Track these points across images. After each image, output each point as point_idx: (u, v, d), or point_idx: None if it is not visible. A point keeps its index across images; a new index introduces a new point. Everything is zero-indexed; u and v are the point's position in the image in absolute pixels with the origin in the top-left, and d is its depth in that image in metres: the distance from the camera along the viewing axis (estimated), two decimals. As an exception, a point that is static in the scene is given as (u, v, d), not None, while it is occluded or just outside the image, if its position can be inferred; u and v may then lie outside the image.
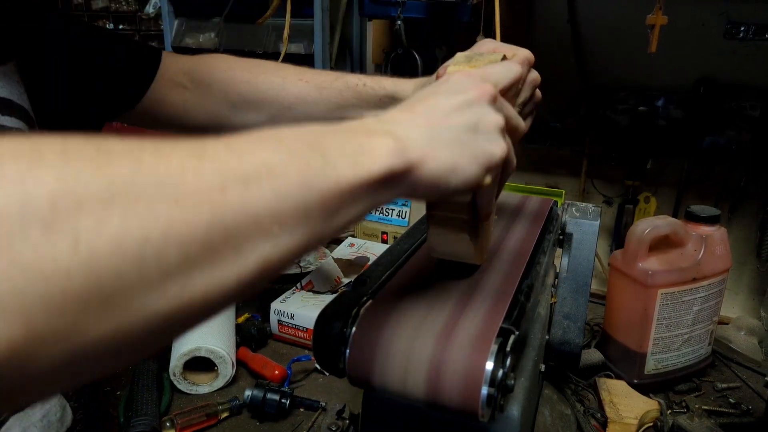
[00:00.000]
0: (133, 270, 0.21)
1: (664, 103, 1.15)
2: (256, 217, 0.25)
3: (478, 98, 0.39)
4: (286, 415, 0.82)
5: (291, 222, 0.26)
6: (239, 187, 0.25)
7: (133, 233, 0.21)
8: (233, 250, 0.24)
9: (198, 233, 0.23)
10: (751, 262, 1.15)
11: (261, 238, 0.25)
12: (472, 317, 0.44)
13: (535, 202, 0.73)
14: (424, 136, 0.35)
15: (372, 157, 0.31)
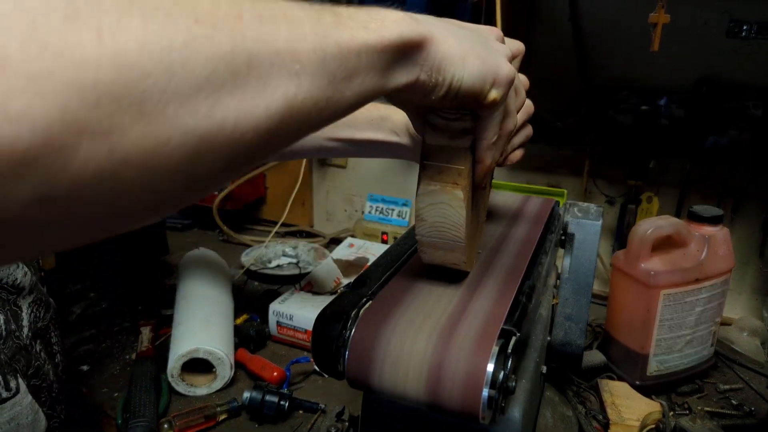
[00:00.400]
0: (161, 75, 0.21)
1: (666, 103, 1.15)
2: (277, 50, 0.26)
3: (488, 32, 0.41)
4: (285, 417, 0.81)
5: (310, 64, 0.27)
6: (256, 20, 0.25)
7: (156, 37, 0.21)
8: (258, 79, 0.25)
9: (221, 52, 0.23)
10: (754, 262, 1.14)
11: (284, 72, 0.26)
12: (472, 318, 0.43)
13: (537, 202, 0.72)
14: (436, 23, 0.36)
15: (384, 24, 0.31)
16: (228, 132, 0.24)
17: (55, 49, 0.19)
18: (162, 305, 1.10)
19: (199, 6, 0.23)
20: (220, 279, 1.07)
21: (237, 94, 0.24)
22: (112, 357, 0.96)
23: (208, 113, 0.23)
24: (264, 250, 1.32)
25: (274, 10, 0.27)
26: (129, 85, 0.20)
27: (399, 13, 0.33)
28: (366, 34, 0.30)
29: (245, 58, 0.24)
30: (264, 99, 0.25)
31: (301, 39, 0.27)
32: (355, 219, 1.49)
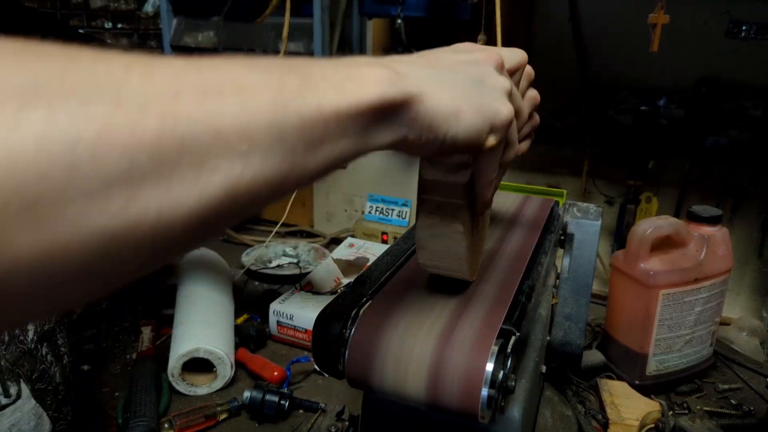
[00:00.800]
0: (62, 173, 0.18)
1: (665, 103, 1.15)
2: (219, 131, 0.22)
3: (484, 60, 0.36)
4: (286, 417, 0.81)
5: (263, 141, 0.24)
6: (197, 96, 0.22)
7: (61, 133, 0.18)
8: (192, 165, 0.22)
9: (145, 140, 0.20)
10: (753, 262, 1.14)
11: (227, 155, 0.22)
12: (472, 318, 0.44)
13: (536, 202, 0.72)
14: (424, 74, 0.32)
15: (362, 84, 0.28)
16: (148, 228, 0.21)
17: None
18: (163, 305, 1.10)
19: (126, 86, 0.20)
20: (221, 279, 1.07)
21: (162, 185, 0.21)
22: (112, 357, 0.96)
23: (121, 209, 0.20)
24: (264, 250, 1.32)
25: (224, 80, 0.23)
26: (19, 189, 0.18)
27: (382, 70, 0.29)
28: (338, 99, 0.26)
29: (176, 144, 0.21)
30: (197, 187, 0.22)
31: (253, 113, 0.23)
32: (355, 219, 1.49)
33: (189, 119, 0.21)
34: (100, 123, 0.19)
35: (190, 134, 0.21)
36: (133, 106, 0.20)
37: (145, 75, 0.21)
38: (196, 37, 1.42)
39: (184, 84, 0.22)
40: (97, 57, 0.21)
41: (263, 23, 1.25)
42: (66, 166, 0.19)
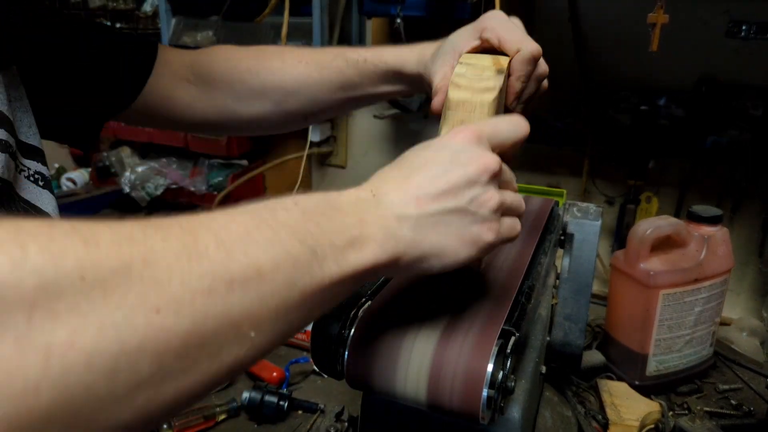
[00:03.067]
0: (104, 384, 0.19)
1: (665, 103, 1.15)
2: (237, 324, 0.24)
3: (478, 174, 0.37)
4: (284, 418, 0.81)
5: (268, 325, 0.26)
6: (224, 289, 0.23)
7: (108, 346, 0.19)
8: (208, 357, 0.23)
9: (175, 343, 0.22)
10: (754, 262, 1.14)
11: (239, 342, 0.24)
12: (472, 319, 0.43)
13: (536, 202, 0.72)
14: (412, 225, 0.34)
15: (361, 252, 0.31)
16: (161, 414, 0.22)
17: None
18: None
19: (167, 291, 0.21)
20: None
21: (181, 379, 0.22)
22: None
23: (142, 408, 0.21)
24: (263, 249, 1.32)
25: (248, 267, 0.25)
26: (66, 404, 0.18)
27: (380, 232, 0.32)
28: (339, 269, 0.29)
29: (199, 342, 0.22)
30: (209, 374, 0.23)
31: (266, 300, 0.25)
32: (355, 219, 1.49)
33: (214, 317, 0.23)
34: (142, 332, 0.20)
35: (213, 331, 0.23)
36: (170, 311, 0.21)
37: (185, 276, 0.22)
38: (194, 36, 1.42)
39: (216, 277, 0.23)
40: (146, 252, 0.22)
41: (262, 23, 1.25)
42: (107, 378, 0.19)
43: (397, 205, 0.35)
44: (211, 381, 0.24)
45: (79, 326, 0.19)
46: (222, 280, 0.23)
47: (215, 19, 1.40)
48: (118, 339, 0.20)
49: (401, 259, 0.34)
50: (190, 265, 0.23)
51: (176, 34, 1.43)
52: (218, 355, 0.24)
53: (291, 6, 1.17)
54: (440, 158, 0.37)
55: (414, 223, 0.34)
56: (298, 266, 0.27)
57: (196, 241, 0.24)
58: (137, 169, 1.58)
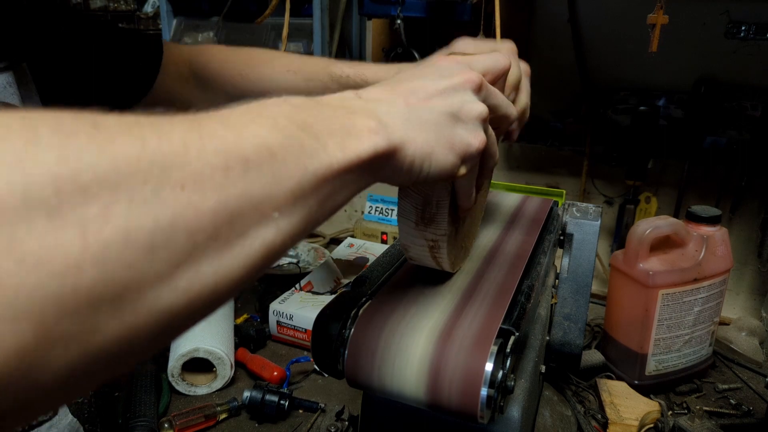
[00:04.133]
0: (144, 261, 0.20)
1: (664, 103, 1.15)
2: (258, 202, 0.24)
3: (462, 84, 0.38)
4: (285, 417, 0.81)
5: (288, 207, 0.26)
6: (241, 168, 0.24)
7: (142, 221, 0.19)
8: (239, 236, 0.24)
9: (205, 219, 0.22)
10: (753, 262, 1.14)
11: (263, 223, 0.25)
12: (471, 318, 0.44)
13: (535, 202, 0.72)
14: (402, 117, 0.34)
15: (359, 139, 0.31)
16: (205, 298, 0.23)
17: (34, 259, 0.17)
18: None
19: (187, 165, 0.22)
20: (220, 279, 1.07)
21: (216, 259, 0.23)
22: (112, 357, 0.96)
23: (186, 288, 0.22)
24: (264, 250, 1.32)
25: (260, 147, 0.25)
26: (110, 282, 0.19)
27: (372, 121, 0.32)
28: (343, 156, 0.29)
29: (227, 220, 0.23)
30: (243, 255, 0.24)
31: (281, 182, 0.26)
32: (355, 219, 1.49)
33: (236, 195, 0.23)
34: (171, 208, 0.21)
35: (237, 209, 0.23)
36: (194, 187, 0.21)
37: (199, 150, 0.22)
38: (195, 37, 1.42)
39: (230, 155, 0.23)
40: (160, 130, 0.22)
41: (263, 23, 1.25)
42: (146, 255, 0.20)
43: (385, 102, 0.35)
44: (246, 264, 0.24)
45: (109, 201, 0.19)
46: (237, 158, 0.24)
47: (216, 20, 1.40)
48: (150, 214, 0.20)
49: (399, 152, 0.33)
50: (202, 142, 0.23)
51: (177, 35, 1.43)
52: (248, 235, 0.24)
53: (291, 7, 1.18)
54: (425, 72, 0.39)
55: (404, 117, 0.35)
56: (304, 150, 0.27)
57: (201, 125, 0.24)
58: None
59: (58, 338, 0.18)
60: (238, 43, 0.71)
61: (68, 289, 0.17)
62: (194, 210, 0.21)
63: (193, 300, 0.22)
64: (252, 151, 0.24)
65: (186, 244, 0.21)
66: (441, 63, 0.40)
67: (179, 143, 0.22)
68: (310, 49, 1.28)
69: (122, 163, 0.20)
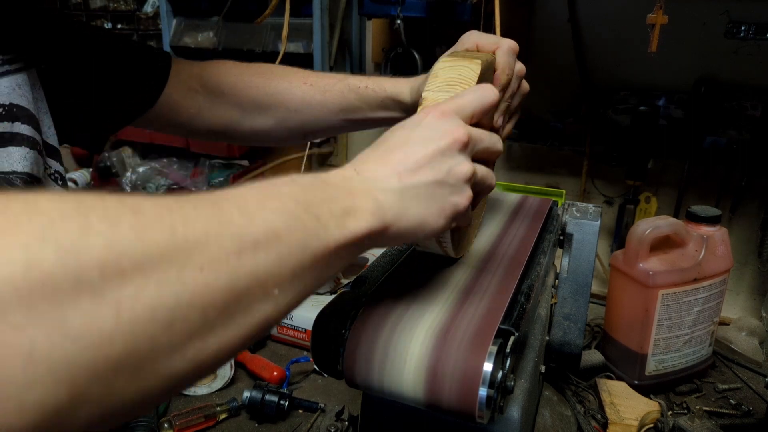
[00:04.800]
0: (164, 334, 0.22)
1: (664, 103, 1.15)
2: (263, 281, 0.27)
3: (450, 146, 0.40)
4: (285, 417, 0.81)
5: (287, 283, 0.29)
6: (251, 251, 0.27)
7: (166, 300, 0.22)
8: (242, 312, 0.26)
9: (217, 298, 0.25)
10: (752, 262, 1.14)
11: (265, 299, 0.28)
12: (469, 318, 0.44)
13: (535, 201, 0.72)
14: (396, 196, 0.38)
15: (356, 220, 0.34)
16: (209, 365, 0.26)
17: (77, 333, 0.19)
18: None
19: (207, 250, 0.24)
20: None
21: (222, 332, 0.25)
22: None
23: (194, 357, 0.24)
24: (264, 250, 1.32)
25: (268, 230, 0.28)
26: (134, 352, 0.21)
27: (369, 202, 0.35)
28: (341, 236, 0.32)
29: (235, 298, 0.26)
30: (243, 327, 0.27)
31: (285, 261, 0.29)
32: (355, 219, 1.49)
33: (246, 275, 0.26)
34: (190, 289, 0.23)
35: (245, 288, 0.26)
36: (212, 269, 0.24)
37: (219, 238, 0.25)
38: (195, 37, 1.42)
39: (243, 240, 0.27)
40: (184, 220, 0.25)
41: (263, 23, 1.25)
42: (166, 329, 0.22)
43: (380, 180, 0.38)
44: (246, 335, 0.27)
45: (142, 283, 0.21)
46: (248, 242, 0.27)
47: (216, 20, 1.40)
48: (173, 294, 0.23)
49: (390, 228, 0.37)
50: (221, 228, 0.26)
51: (177, 35, 1.43)
52: (250, 311, 0.27)
53: (291, 7, 1.18)
54: (414, 136, 0.41)
55: (398, 195, 0.38)
56: (307, 231, 0.30)
57: (221, 210, 0.27)
58: (138, 170, 1.58)
59: (86, 399, 0.20)
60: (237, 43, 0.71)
61: (100, 359, 0.20)
62: (210, 290, 0.24)
63: (198, 367, 0.25)
64: (261, 235, 0.28)
65: (199, 319, 0.24)
66: (428, 121, 0.41)
67: (201, 231, 0.25)
68: (310, 49, 1.28)
69: (155, 250, 0.23)
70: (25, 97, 0.47)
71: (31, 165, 0.44)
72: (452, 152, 0.40)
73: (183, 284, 0.23)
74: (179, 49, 1.43)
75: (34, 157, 0.45)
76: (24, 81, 0.47)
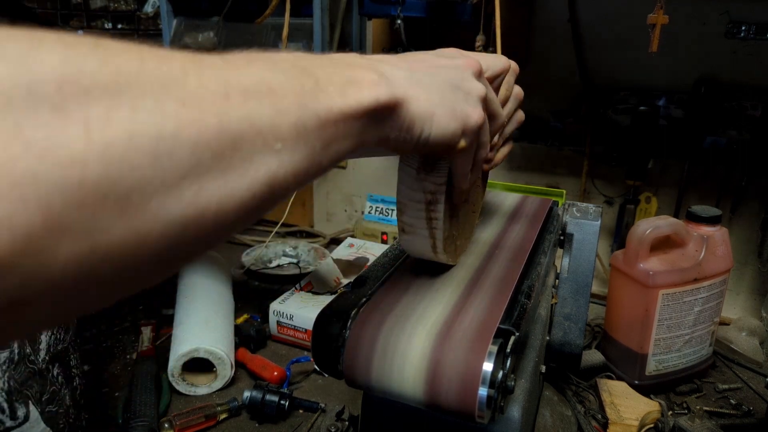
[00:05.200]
0: (148, 166, 0.20)
1: (665, 103, 1.15)
2: (260, 129, 0.25)
3: (464, 66, 0.39)
4: (285, 417, 0.81)
5: (291, 140, 0.27)
6: (241, 97, 0.24)
7: (145, 128, 0.20)
8: (242, 160, 0.24)
9: (207, 137, 0.23)
10: (753, 262, 1.14)
11: (266, 151, 0.26)
12: (470, 318, 0.44)
13: (534, 201, 0.72)
14: (406, 76, 0.35)
15: (360, 88, 0.31)
16: (210, 216, 0.24)
17: (40, 148, 0.18)
18: (163, 305, 1.10)
19: (186, 86, 0.23)
20: (221, 279, 1.07)
21: (221, 178, 0.24)
22: (112, 357, 0.96)
23: (191, 201, 0.23)
24: (264, 250, 1.32)
25: (260, 82, 0.26)
26: (115, 181, 0.20)
27: (374, 74, 0.33)
28: (344, 102, 0.30)
29: (230, 141, 0.24)
30: (247, 179, 0.25)
31: (283, 114, 0.26)
32: (355, 219, 1.49)
33: (238, 119, 0.24)
34: (174, 120, 0.21)
35: (240, 132, 0.24)
36: (195, 105, 0.22)
37: (198, 76, 0.23)
38: (195, 37, 1.42)
39: (229, 85, 0.24)
40: (159, 55, 0.23)
41: (263, 23, 1.25)
42: (151, 160, 0.21)
43: (387, 62, 0.36)
44: (251, 190, 0.25)
45: (111, 105, 0.20)
46: (236, 88, 0.25)
47: (216, 20, 1.40)
48: (152, 122, 0.21)
49: (401, 106, 0.34)
50: (202, 70, 0.24)
51: (177, 35, 1.43)
52: (252, 161, 0.25)
53: (292, 7, 1.18)
54: (428, 53, 0.40)
55: (408, 76, 0.35)
56: (305, 91, 0.28)
57: (201, 58, 0.25)
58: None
59: (66, 229, 0.19)
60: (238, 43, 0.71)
61: (74, 181, 0.18)
62: (197, 127, 0.22)
63: (199, 214, 0.23)
64: (251, 84, 0.25)
65: (190, 157, 0.22)
66: (445, 50, 0.41)
67: (178, 67, 0.23)
68: (310, 49, 1.28)
69: (123, 75, 0.21)
70: None
71: None
72: (466, 70, 0.39)
73: (164, 115, 0.21)
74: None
75: None
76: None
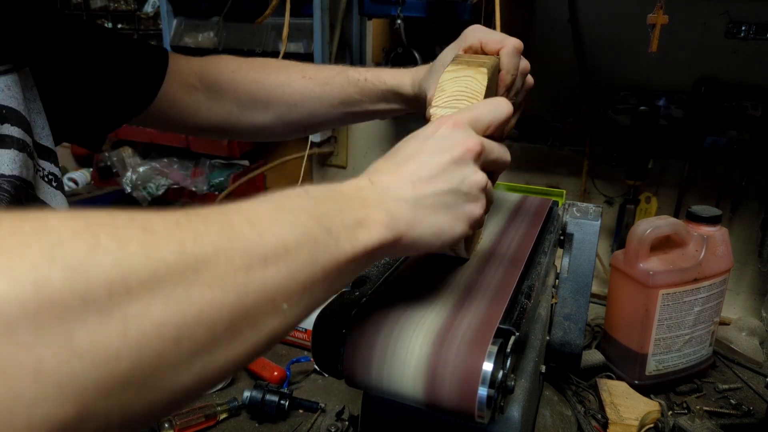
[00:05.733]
0: (171, 351, 0.23)
1: (665, 103, 1.15)
2: (272, 296, 0.27)
3: (463, 156, 0.40)
4: (285, 417, 0.81)
5: (297, 298, 0.29)
6: (260, 266, 0.27)
7: (173, 317, 0.23)
8: (250, 327, 0.26)
9: (224, 314, 0.25)
10: (753, 262, 1.14)
11: (274, 314, 0.28)
12: (469, 318, 0.44)
13: (534, 201, 0.72)
14: (410, 206, 0.38)
15: (368, 232, 0.34)
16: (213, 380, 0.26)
17: (84, 350, 0.20)
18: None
19: (216, 268, 0.24)
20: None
21: (229, 347, 0.25)
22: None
23: (199, 373, 0.24)
24: (264, 249, 1.32)
25: (278, 246, 0.28)
26: (141, 368, 0.21)
27: (382, 213, 0.35)
28: (352, 247, 0.32)
29: (243, 313, 0.26)
30: (251, 342, 0.27)
31: (295, 276, 0.28)
32: (355, 219, 1.49)
33: (255, 291, 0.26)
34: (198, 306, 0.24)
35: (254, 303, 0.26)
36: (220, 286, 0.25)
37: (228, 254, 0.25)
38: (196, 37, 1.42)
39: (252, 256, 0.27)
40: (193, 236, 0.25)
41: (263, 23, 1.25)
42: (173, 345, 0.23)
43: (394, 190, 0.38)
44: (253, 349, 0.27)
45: (149, 301, 0.22)
46: (258, 257, 0.27)
47: (216, 20, 1.40)
48: (180, 311, 0.23)
49: (403, 238, 0.37)
50: (230, 244, 0.26)
51: (177, 35, 1.43)
52: (258, 326, 0.27)
53: (292, 7, 1.18)
54: (427, 147, 0.41)
55: (412, 205, 0.38)
56: (317, 244, 0.30)
57: (232, 225, 0.27)
58: (139, 169, 1.58)
59: (94, 415, 0.20)
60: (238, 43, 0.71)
61: (107, 376, 0.20)
62: (217, 306, 0.24)
63: (204, 381, 0.25)
64: (271, 251, 0.28)
65: (206, 335, 0.24)
66: (442, 132, 0.41)
67: (211, 248, 0.25)
68: (311, 49, 1.28)
69: (163, 268, 0.23)
70: (15, 99, 0.46)
71: (20, 168, 0.44)
72: (466, 162, 0.40)
73: (190, 301, 0.23)
74: (179, 49, 1.43)
75: (23, 159, 0.44)
76: (14, 82, 0.46)
